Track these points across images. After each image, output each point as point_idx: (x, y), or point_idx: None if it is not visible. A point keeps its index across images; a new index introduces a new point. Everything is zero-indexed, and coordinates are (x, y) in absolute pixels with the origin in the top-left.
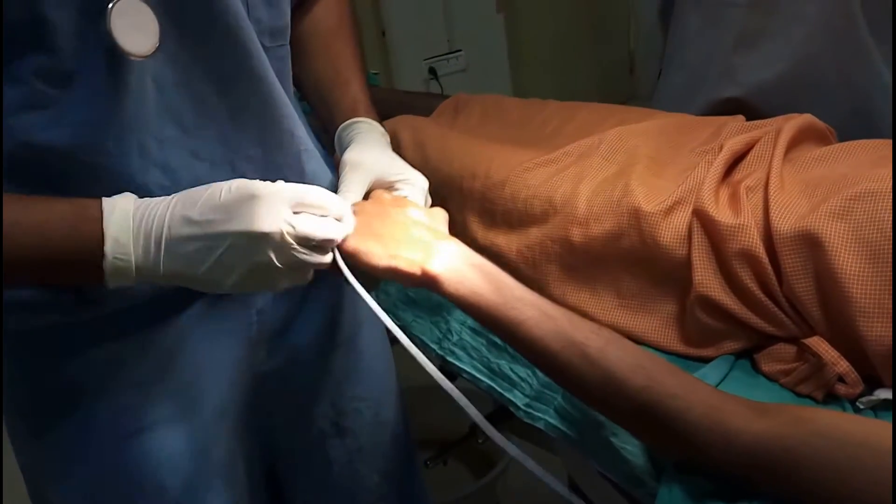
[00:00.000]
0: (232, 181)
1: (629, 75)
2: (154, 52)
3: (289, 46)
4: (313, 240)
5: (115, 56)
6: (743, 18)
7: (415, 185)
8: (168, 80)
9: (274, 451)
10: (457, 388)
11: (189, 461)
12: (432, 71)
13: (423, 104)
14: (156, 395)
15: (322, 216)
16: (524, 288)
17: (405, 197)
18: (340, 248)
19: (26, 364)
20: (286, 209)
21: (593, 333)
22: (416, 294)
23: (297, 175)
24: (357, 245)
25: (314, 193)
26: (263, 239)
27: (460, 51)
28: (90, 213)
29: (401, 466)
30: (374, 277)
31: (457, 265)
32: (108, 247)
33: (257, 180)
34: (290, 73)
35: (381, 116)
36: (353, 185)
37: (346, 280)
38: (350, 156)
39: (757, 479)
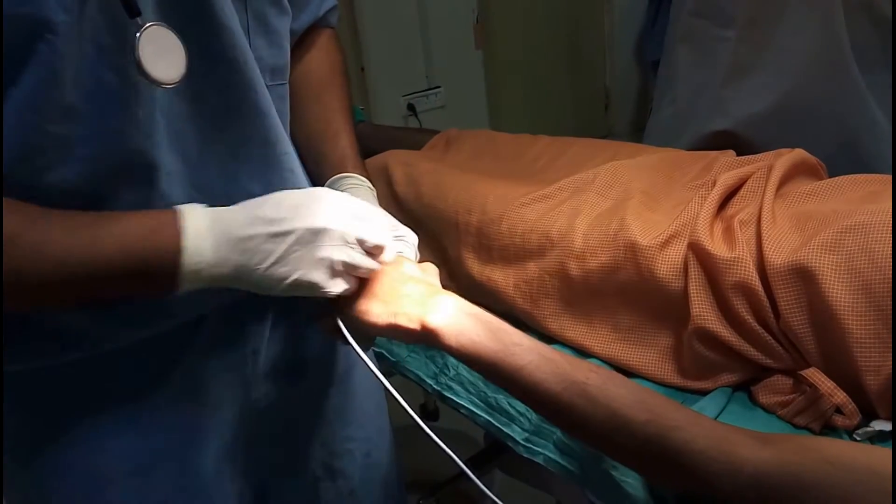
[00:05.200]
0: (303, 189)
1: (605, 111)
2: (180, 81)
3: (288, 85)
4: (368, 243)
5: (127, 88)
6: (733, 52)
7: (406, 240)
8: (174, 112)
9: (266, 494)
10: (451, 422)
11: (184, 502)
12: (411, 107)
13: (412, 140)
14: (149, 436)
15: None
16: (521, 333)
17: (398, 253)
18: (339, 307)
19: (17, 402)
20: (349, 214)
21: (592, 372)
22: None
23: None
24: (356, 305)
25: (371, 212)
26: (325, 234)
27: (439, 87)
28: (166, 219)
29: None
30: (372, 336)
31: (455, 317)
32: (188, 242)
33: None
34: (289, 113)
35: (371, 152)
36: None
37: (344, 340)
38: None
39: None
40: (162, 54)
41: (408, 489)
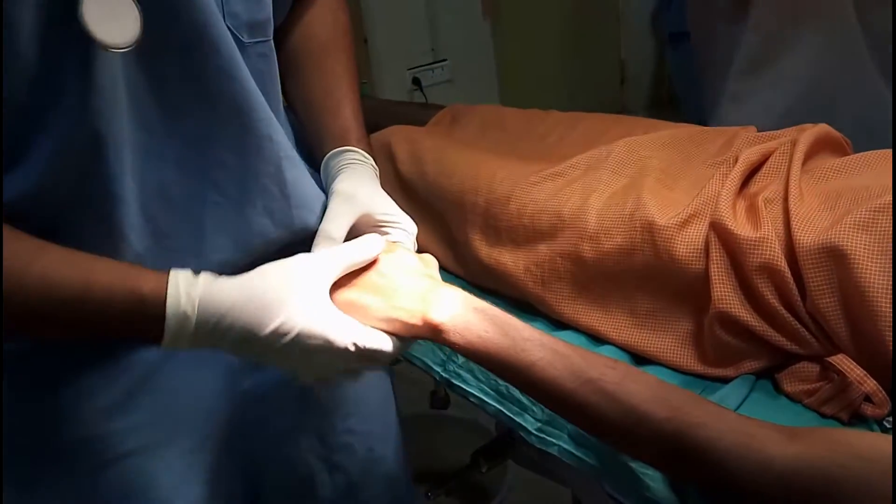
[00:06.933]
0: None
1: (620, 86)
2: (133, 45)
3: (272, 43)
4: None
5: (88, 60)
6: (752, 46)
7: (405, 229)
8: (135, 81)
9: (257, 487)
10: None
11: (166, 495)
12: (416, 81)
13: (416, 115)
14: (128, 425)
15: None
16: (532, 328)
17: (396, 243)
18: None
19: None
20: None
21: (608, 368)
22: None
23: (276, 184)
24: (352, 298)
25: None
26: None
27: (446, 60)
28: (149, 312)
29: None
30: None
31: (460, 311)
32: (167, 340)
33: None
34: (276, 73)
35: (373, 128)
36: (340, 218)
37: None
38: (342, 186)
39: None
40: (111, 15)
41: (416, 480)
